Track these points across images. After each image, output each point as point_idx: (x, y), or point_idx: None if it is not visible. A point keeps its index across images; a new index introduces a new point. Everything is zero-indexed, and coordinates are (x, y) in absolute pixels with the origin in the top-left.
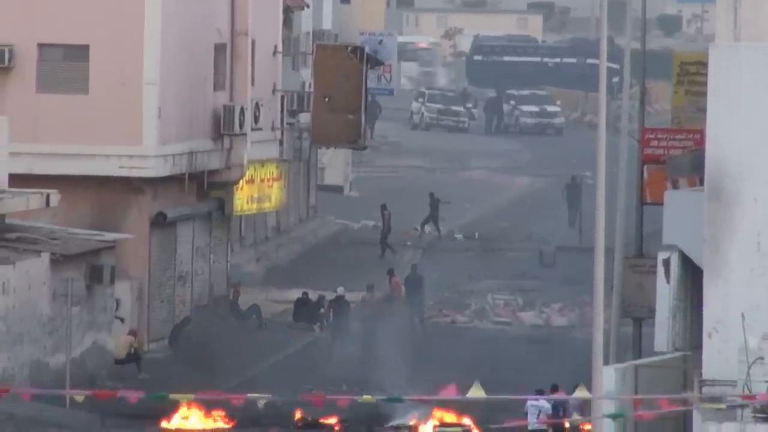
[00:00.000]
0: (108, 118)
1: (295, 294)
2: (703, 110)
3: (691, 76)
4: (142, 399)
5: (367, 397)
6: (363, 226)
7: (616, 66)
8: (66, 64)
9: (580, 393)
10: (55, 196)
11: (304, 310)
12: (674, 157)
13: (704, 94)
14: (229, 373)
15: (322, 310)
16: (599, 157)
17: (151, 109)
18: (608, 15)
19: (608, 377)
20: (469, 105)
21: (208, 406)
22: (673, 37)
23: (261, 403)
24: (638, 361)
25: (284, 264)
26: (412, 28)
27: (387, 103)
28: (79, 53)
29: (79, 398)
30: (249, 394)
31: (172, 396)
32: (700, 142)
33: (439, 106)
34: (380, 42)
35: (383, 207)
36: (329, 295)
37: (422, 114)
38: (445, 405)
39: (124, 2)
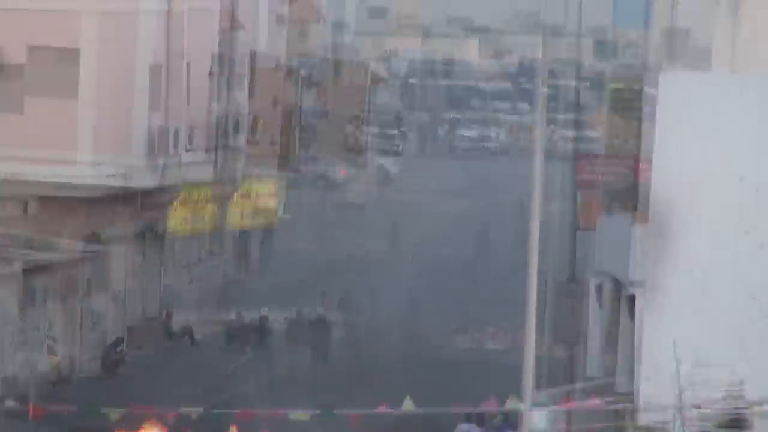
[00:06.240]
0: (43, 137)
1: (228, 315)
2: (636, 136)
3: (625, 103)
4: (76, 416)
5: (301, 414)
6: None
7: (552, 91)
8: (0, 84)
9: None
10: None
11: (237, 331)
12: (608, 183)
13: (638, 120)
14: (161, 394)
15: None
16: (535, 182)
17: (86, 129)
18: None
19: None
20: (403, 128)
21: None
22: (608, 63)
23: (194, 416)
24: (571, 387)
25: (217, 285)
26: (348, 51)
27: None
28: (14, 72)
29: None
30: (183, 408)
31: (105, 410)
32: (634, 169)
33: (373, 128)
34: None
35: None
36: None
37: (356, 137)
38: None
39: (60, 22)
